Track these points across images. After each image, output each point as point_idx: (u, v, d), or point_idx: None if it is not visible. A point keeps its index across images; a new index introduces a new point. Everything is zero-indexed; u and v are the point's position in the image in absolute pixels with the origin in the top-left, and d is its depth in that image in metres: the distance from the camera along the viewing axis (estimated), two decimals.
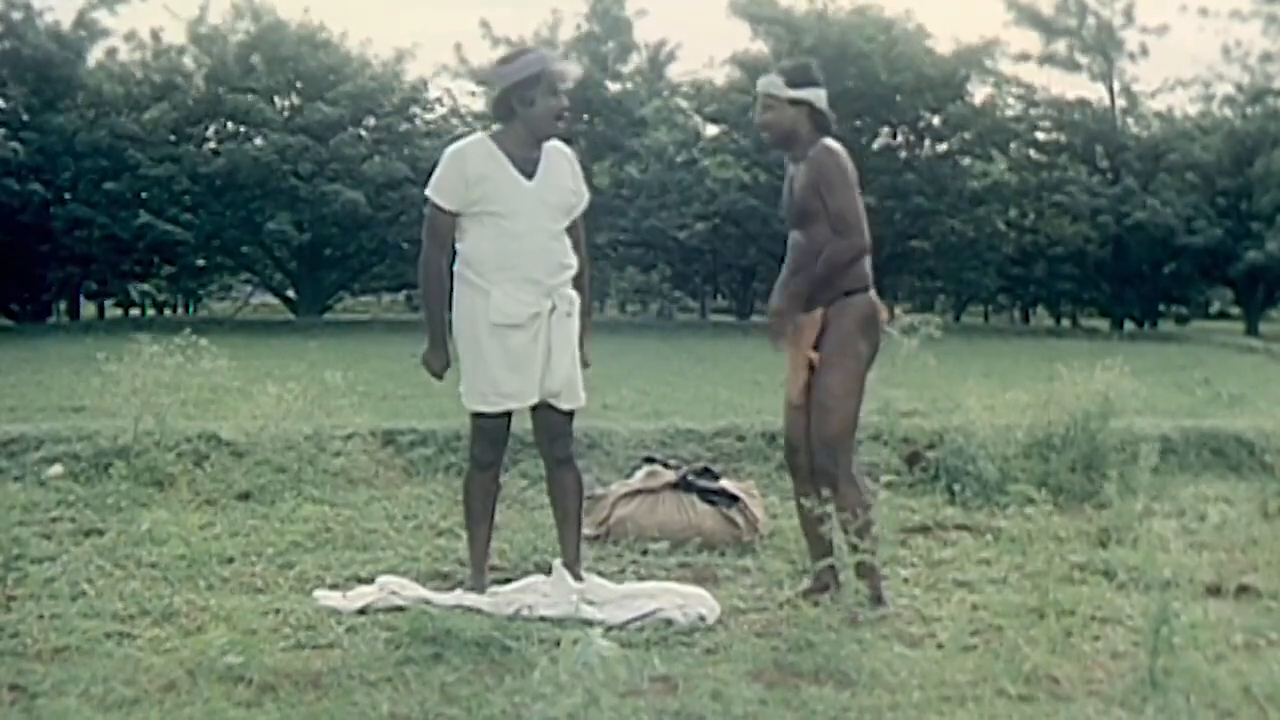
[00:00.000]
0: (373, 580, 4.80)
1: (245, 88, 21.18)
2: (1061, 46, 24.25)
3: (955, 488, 6.61)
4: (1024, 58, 24.15)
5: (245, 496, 6.41)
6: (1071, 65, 24.30)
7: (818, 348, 4.58)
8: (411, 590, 4.66)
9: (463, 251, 4.65)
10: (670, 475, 5.90)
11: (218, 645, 3.82)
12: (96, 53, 22.10)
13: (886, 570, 4.81)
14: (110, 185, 20.68)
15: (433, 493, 6.69)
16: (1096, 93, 24.65)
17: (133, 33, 22.96)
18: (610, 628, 4.18)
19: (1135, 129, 24.98)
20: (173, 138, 21.53)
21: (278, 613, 4.44)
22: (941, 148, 24.36)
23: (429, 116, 23.43)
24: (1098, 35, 24.05)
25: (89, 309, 25.21)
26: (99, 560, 5.11)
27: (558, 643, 3.28)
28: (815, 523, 4.50)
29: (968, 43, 23.06)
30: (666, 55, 24.02)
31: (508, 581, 4.84)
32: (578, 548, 4.85)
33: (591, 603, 4.51)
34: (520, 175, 4.62)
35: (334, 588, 4.80)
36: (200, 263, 24.69)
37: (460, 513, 5.12)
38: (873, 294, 4.66)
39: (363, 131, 22.37)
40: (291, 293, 24.25)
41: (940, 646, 4.14)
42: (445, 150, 4.74)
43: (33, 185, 20.28)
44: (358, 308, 30.14)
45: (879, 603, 4.48)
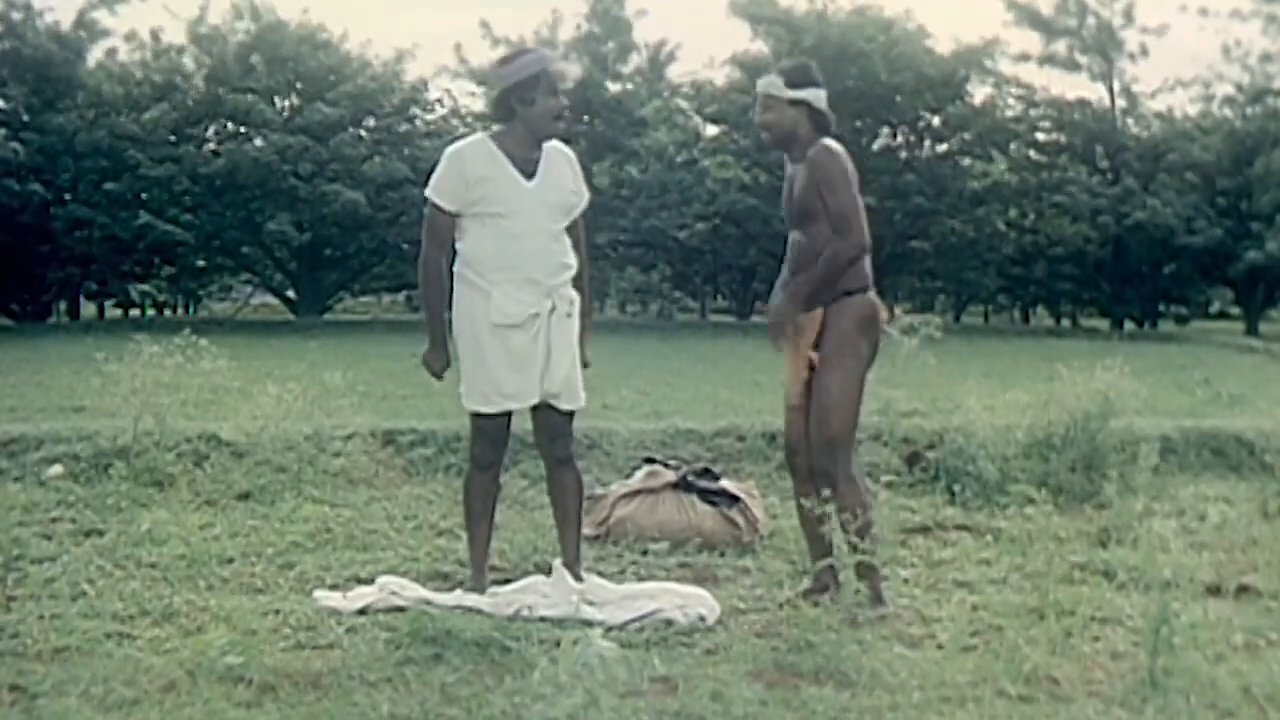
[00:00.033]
0: (373, 580, 4.80)
1: (245, 88, 21.17)
2: (1061, 47, 24.25)
3: (955, 488, 6.60)
4: (1024, 58, 24.19)
5: (245, 497, 6.41)
6: (1071, 65, 24.30)
7: (817, 348, 4.58)
8: (411, 591, 4.66)
9: (463, 252, 4.65)
10: (670, 475, 5.89)
11: (218, 645, 3.83)
12: (96, 53, 22.16)
13: (886, 570, 4.81)
14: (110, 185, 20.68)
15: (433, 493, 6.69)
16: (1096, 93, 24.73)
17: (133, 33, 22.98)
18: (610, 628, 4.18)
19: (1135, 129, 24.98)
20: (173, 138, 21.52)
21: (278, 613, 4.44)
22: (941, 148, 24.36)
23: (429, 117, 23.42)
24: (1098, 35, 24.05)
25: (89, 309, 25.19)
26: (99, 560, 5.11)
27: (558, 643, 3.28)
28: (815, 523, 4.49)
29: (968, 43, 23.14)
30: (666, 55, 24.07)
31: (508, 582, 4.84)
32: (578, 548, 4.85)
33: (591, 603, 4.50)
34: (520, 175, 4.62)
35: (334, 588, 4.80)
36: (200, 263, 24.68)
37: (460, 513, 5.11)
38: (873, 294, 4.66)
39: (363, 132, 22.37)
40: (291, 293, 24.24)
41: (940, 647, 4.13)
42: (445, 151, 4.74)
43: (33, 185, 20.27)
44: (358, 308, 30.13)
45: (879, 603, 4.48)
